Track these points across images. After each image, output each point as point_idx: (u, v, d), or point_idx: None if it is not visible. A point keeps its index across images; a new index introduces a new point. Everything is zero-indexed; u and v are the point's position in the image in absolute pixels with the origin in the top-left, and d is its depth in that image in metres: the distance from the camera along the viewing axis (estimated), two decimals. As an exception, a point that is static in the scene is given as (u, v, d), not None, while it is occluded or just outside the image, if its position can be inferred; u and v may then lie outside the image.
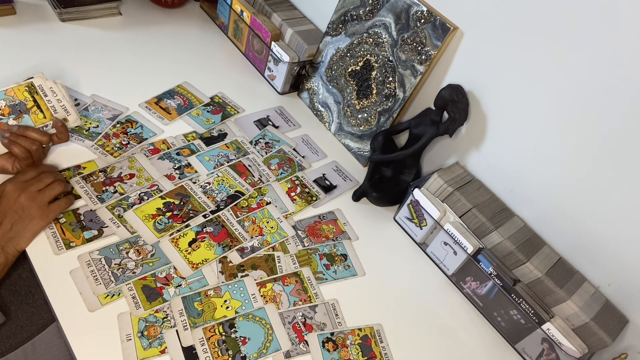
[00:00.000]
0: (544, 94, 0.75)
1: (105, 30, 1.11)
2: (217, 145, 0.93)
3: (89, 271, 0.69)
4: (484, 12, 0.79)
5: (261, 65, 1.15)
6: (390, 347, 0.74)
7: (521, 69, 0.77)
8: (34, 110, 0.75)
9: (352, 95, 1.01)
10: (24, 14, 1.06)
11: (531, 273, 0.76)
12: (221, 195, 0.85)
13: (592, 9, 0.66)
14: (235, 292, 0.73)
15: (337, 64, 1.03)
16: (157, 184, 0.83)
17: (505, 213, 0.84)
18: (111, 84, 0.97)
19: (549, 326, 0.73)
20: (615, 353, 0.75)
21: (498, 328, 0.82)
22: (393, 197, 0.94)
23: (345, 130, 1.05)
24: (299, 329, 0.72)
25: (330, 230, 0.87)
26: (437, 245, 0.86)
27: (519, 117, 0.80)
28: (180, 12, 1.27)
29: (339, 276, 0.81)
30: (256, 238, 0.81)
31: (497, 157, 0.86)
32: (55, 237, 0.71)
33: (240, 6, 1.12)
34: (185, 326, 0.67)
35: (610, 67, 0.67)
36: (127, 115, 0.93)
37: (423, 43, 0.86)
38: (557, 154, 0.77)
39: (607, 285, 0.78)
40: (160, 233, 0.76)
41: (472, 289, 0.83)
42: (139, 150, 0.87)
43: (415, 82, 0.89)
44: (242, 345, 0.67)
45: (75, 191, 0.77)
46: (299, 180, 0.94)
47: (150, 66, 1.06)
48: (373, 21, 0.94)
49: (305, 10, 1.17)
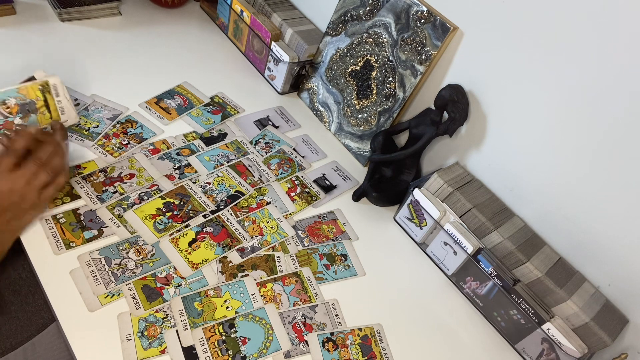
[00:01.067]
0: (544, 93, 0.75)
1: (105, 30, 1.11)
2: (217, 145, 0.94)
3: (89, 271, 0.69)
4: (484, 12, 0.79)
5: (261, 65, 1.15)
6: (390, 347, 0.74)
7: (521, 68, 0.77)
8: (42, 110, 0.75)
9: (352, 95, 1.01)
10: (24, 14, 1.06)
11: (531, 273, 0.76)
12: (221, 195, 0.85)
13: (592, 9, 0.66)
14: (235, 292, 0.73)
15: (337, 64, 1.03)
16: (157, 184, 0.83)
17: (505, 213, 0.84)
18: (111, 84, 0.97)
19: (549, 326, 0.73)
20: (615, 353, 0.75)
21: (498, 328, 0.82)
22: (393, 197, 0.94)
23: (345, 130, 1.05)
24: (299, 329, 0.72)
25: (330, 230, 0.87)
26: (437, 245, 0.86)
27: (519, 117, 0.80)
28: (180, 12, 1.27)
29: (339, 276, 0.81)
30: (256, 238, 0.81)
31: (497, 157, 0.86)
32: (55, 237, 0.71)
33: (240, 6, 1.12)
34: (185, 326, 0.67)
35: (611, 66, 0.67)
36: (127, 115, 0.93)
37: (423, 43, 0.86)
38: (557, 153, 0.77)
39: (607, 285, 0.78)
40: (160, 233, 0.76)
41: (472, 289, 0.83)
42: (139, 150, 0.87)
43: (415, 82, 0.89)
44: (242, 345, 0.67)
45: (75, 191, 0.77)
46: (299, 180, 0.94)
47: (150, 66, 1.06)
48: (373, 21, 0.94)
49: (305, 10, 1.17)
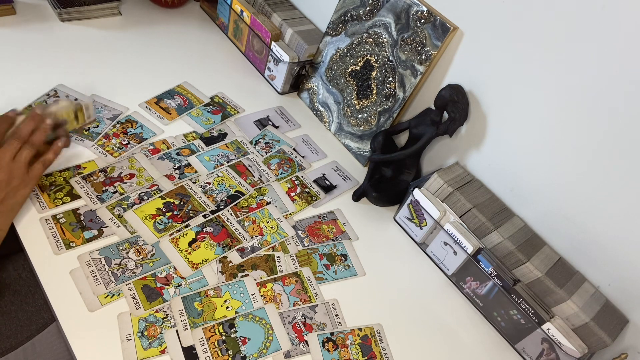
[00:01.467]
0: (544, 93, 0.75)
1: (105, 30, 1.11)
2: (217, 145, 0.94)
3: (89, 271, 0.69)
4: (484, 12, 0.79)
5: (261, 65, 1.15)
6: (390, 347, 0.74)
7: (521, 68, 0.77)
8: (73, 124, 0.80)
9: (352, 95, 1.01)
10: (24, 14, 1.06)
11: (531, 273, 0.76)
12: (221, 195, 0.85)
13: (592, 9, 0.66)
14: (235, 292, 0.73)
15: (337, 64, 1.03)
16: (157, 184, 0.83)
17: (505, 213, 0.84)
18: (111, 84, 0.97)
19: (549, 326, 0.73)
20: (615, 353, 0.75)
21: (498, 328, 0.82)
22: (393, 197, 0.94)
23: (345, 130, 1.05)
24: (299, 329, 0.72)
25: (330, 230, 0.87)
26: (437, 245, 0.86)
27: (519, 117, 0.80)
28: (180, 12, 1.27)
29: (339, 276, 0.81)
30: (256, 238, 0.81)
31: (497, 157, 0.86)
32: (55, 237, 0.71)
33: (240, 6, 1.12)
34: (185, 326, 0.67)
35: (611, 66, 0.67)
36: (127, 115, 0.93)
37: (423, 43, 0.86)
38: (557, 153, 0.77)
39: (607, 285, 0.78)
40: (160, 233, 0.76)
41: (472, 289, 0.83)
42: (139, 150, 0.87)
43: (415, 82, 0.89)
44: (242, 345, 0.67)
45: (75, 191, 0.77)
46: (299, 180, 0.94)
47: (150, 66, 1.06)
48: (373, 21, 0.94)
49: (305, 10, 1.17)
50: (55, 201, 0.75)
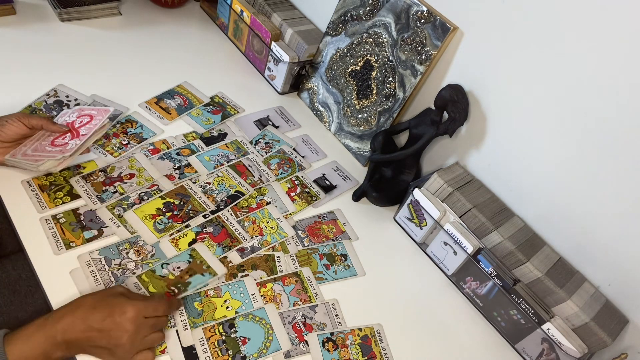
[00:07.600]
0: (544, 93, 0.75)
1: (105, 30, 1.11)
2: (217, 145, 0.93)
3: (89, 271, 0.69)
4: (484, 12, 0.79)
5: (261, 65, 1.15)
6: (390, 347, 0.74)
7: (521, 68, 0.77)
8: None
9: (352, 95, 1.01)
10: (24, 14, 1.06)
11: (531, 273, 0.76)
12: (221, 195, 0.85)
13: (591, 9, 0.66)
14: (235, 292, 0.73)
15: (337, 64, 1.03)
16: (157, 184, 0.83)
17: (505, 213, 0.84)
18: (111, 84, 0.97)
19: (549, 326, 0.73)
20: (615, 353, 0.75)
21: (498, 328, 0.82)
22: (393, 197, 0.94)
23: (345, 130, 1.05)
24: (299, 329, 0.72)
25: (330, 230, 0.87)
26: (437, 245, 0.86)
27: (519, 117, 0.80)
28: (180, 12, 1.27)
29: (339, 276, 0.81)
30: (256, 238, 0.81)
31: (497, 157, 0.86)
32: (55, 237, 0.71)
33: (240, 6, 1.12)
34: (185, 326, 0.67)
35: (611, 65, 0.67)
36: (127, 115, 0.93)
37: (423, 43, 0.86)
38: (557, 153, 0.77)
39: (607, 285, 0.78)
40: (160, 233, 0.76)
41: (472, 289, 0.83)
42: (139, 150, 0.87)
43: (415, 82, 0.89)
44: (242, 345, 0.67)
45: (75, 190, 0.77)
46: (299, 180, 0.94)
47: (150, 66, 1.06)
48: (373, 21, 0.94)
49: (305, 10, 1.17)
50: (55, 201, 0.75)
